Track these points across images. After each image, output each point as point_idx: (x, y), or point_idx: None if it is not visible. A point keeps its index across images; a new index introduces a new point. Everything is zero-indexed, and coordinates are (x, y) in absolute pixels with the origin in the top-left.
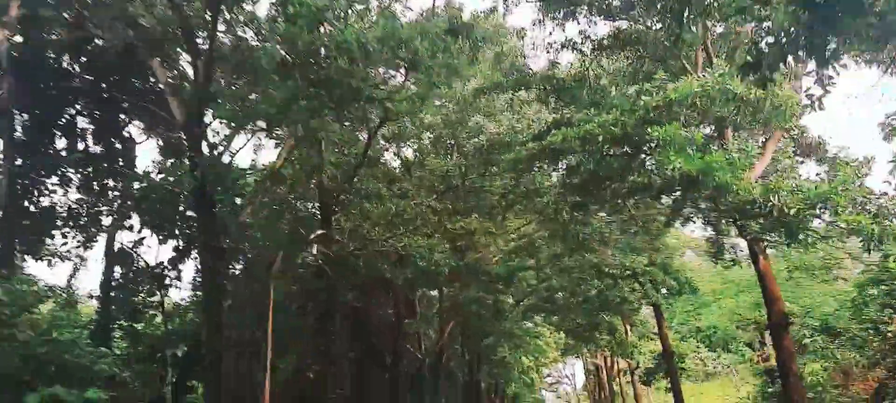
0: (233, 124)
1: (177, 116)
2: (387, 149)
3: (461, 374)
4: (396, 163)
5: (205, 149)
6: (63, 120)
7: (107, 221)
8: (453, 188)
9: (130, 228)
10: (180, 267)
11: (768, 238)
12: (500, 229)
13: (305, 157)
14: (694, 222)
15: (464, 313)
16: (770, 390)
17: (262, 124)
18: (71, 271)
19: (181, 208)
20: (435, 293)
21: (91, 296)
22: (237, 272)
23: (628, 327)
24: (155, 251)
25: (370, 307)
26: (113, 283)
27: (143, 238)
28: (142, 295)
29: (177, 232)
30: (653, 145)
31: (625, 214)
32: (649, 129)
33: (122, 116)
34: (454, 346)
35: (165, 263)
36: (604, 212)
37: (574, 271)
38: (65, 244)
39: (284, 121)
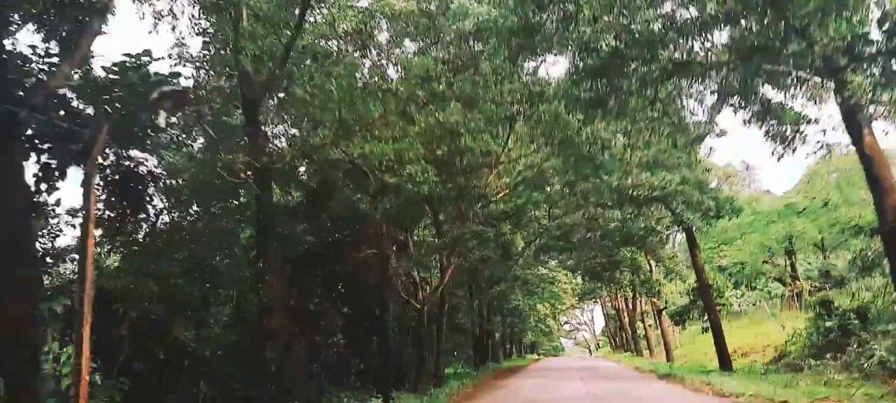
0: None
1: None
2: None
3: (470, 323)
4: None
5: None
6: None
7: None
8: (438, 95)
9: None
10: (56, 189)
11: (883, 100)
12: (503, 157)
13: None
14: (749, 112)
15: (468, 256)
16: (828, 324)
17: None
18: None
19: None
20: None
21: None
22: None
23: (653, 263)
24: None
25: (350, 250)
26: None
27: None
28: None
29: (38, 141)
30: None
31: (655, 111)
32: None
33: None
34: (459, 294)
35: (33, 185)
36: (625, 114)
37: (591, 196)
38: None
39: None
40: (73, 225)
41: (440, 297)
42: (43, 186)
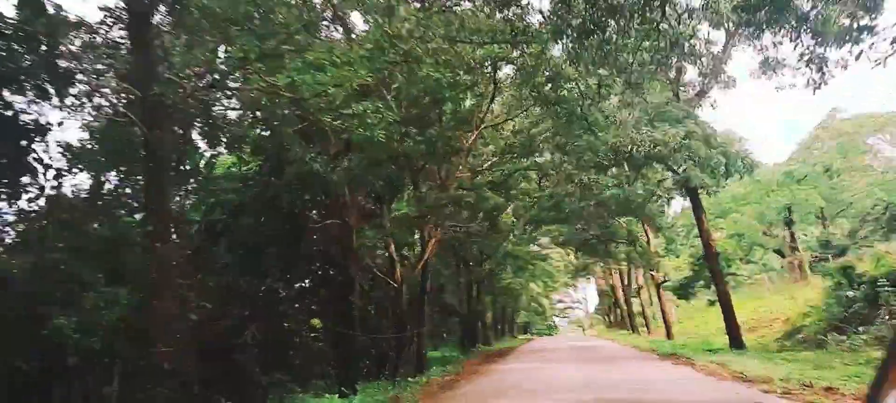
0: None
1: None
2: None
3: (457, 304)
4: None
5: None
6: None
7: None
8: (411, 59)
9: None
10: None
11: None
12: (488, 118)
13: None
14: (774, 36)
15: (450, 224)
16: (849, 294)
17: None
18: None
19: None
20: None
21: None
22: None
23: (651, 234)
24: None
25: (314, 223)
26: None
27: None
28: None
29: None
30: None
31: (662, 41)
32: None
33: None
34: (445, 272)
35: None
36: (626, 48)
37: (585, 155)
38: None
39: None
40: None
41: (421, 275)
42: None
